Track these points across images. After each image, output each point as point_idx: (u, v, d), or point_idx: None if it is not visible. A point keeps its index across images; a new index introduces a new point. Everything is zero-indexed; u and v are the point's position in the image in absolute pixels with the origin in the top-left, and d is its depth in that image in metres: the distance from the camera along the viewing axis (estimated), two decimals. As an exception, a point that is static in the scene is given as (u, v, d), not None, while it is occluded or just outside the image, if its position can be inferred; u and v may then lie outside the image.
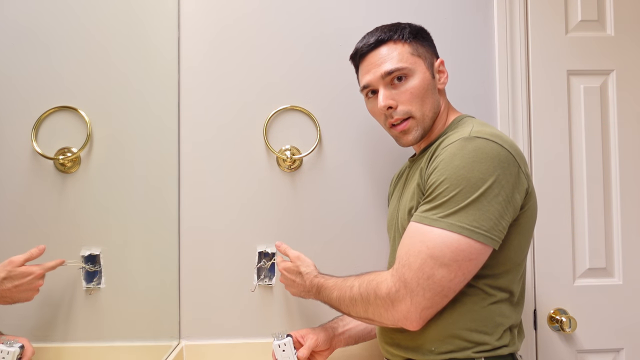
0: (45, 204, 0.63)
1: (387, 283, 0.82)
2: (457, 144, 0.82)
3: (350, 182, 1.26)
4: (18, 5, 0.59)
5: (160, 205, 1.12)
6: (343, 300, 0.90)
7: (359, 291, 0.87)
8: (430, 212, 0.81)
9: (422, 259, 0.79)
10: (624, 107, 1.30)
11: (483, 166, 0.78)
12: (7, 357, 0.56)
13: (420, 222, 0.82)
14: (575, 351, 1.26)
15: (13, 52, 0.57)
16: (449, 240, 0.78)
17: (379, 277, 0.85)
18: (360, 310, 0.87)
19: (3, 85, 0.55)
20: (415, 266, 0.79)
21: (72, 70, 0.71)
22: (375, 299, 0.84)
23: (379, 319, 0.85)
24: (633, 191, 1.29)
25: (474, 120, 0.94)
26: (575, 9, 1.31)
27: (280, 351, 0.99)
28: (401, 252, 0.83)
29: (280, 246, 1.11)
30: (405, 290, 0.80)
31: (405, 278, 0.80)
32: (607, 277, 1.28)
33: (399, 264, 0.82)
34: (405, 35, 0.94)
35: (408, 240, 0.83)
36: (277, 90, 1.26)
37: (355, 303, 0.88)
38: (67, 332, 0.68)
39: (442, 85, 0.98)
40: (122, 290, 0.87)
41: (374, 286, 0.84)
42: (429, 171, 0.85)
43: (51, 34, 0.66)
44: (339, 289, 0.92)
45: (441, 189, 0.80)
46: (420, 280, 0.79)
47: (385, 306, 0.82)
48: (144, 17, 1.05)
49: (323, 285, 0.96)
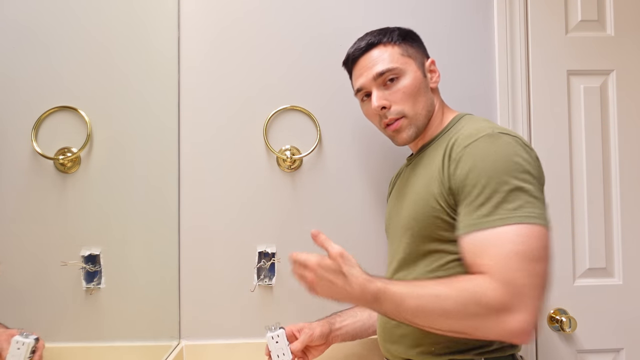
0: (45, 204, 0.63)
1: (493, 291, 0.73)
2: (484, 140, 0.81)
3: (350, 182, 1.26)
4: (18, 5, 0.59)
5: (160, 205, 1.12)
6: (427, 312, 0.76)
7: (455, 301, 0.75)
8: (495, 212, 0.76)
9: (520, 257, 0.73)
10: (624, 107, 1.30)
11: (519, 159, 0.79)
12: (22, 347, 0.57)
13: (489, 227, 0.76)
14: (575, 351, 1.26)
15: (13, 52, 0.57)
16: (533, 233, 0.75)
17: (477, 284, 0.75)
18: (454, 323, 0.76)
19: (3, 85, 0.55)
20: (518, 266, 0.73)
21: (72, 71, 0.71)
22: (479, 309, 0.73)
23: (481, 333, 0.76)
24: (633, 191, 1.29)
25: (477, 117, 0.95)
26: (575, 9, 1.31)
27: (273, 343, 0.98)
28: (489, 258, 0.75)
29: (318, 236, 0.83)
30: (519, 296, 0.72)
31: (513, 282, 0.72)
32: (607, 277, 1.28)
33: (497, 269, 0.74)
34: (394, 38, 0.96)
35: (491, 244, 0.76)
36: (277, 90, 1.26)
37: (448, 315, 0.75)
38: (67, 332, 0.68)
39: (435, 84, 0.99)
40: (122, 290, 0.87)
41: (477, 295, 0.74)
42: (461, 172, 0.81)
43: (51, 34, 0.66)
44: (419, 298, 0.77)
45: (491, 187, 0.77)
46: (528, 279, 0.73)
47: (495, 317, 0.73)
48: (145, 17, 1.05)
49: (387, 292, 0.78)
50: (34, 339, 0.58)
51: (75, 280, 0.70)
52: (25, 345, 0.58)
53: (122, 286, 0.88)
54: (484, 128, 0.84)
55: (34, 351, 0.58)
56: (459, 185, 0.82)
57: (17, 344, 0.57)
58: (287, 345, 0.98)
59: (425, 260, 0.89)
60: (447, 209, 0.85)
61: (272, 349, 0.98)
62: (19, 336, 0.58)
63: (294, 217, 1.24)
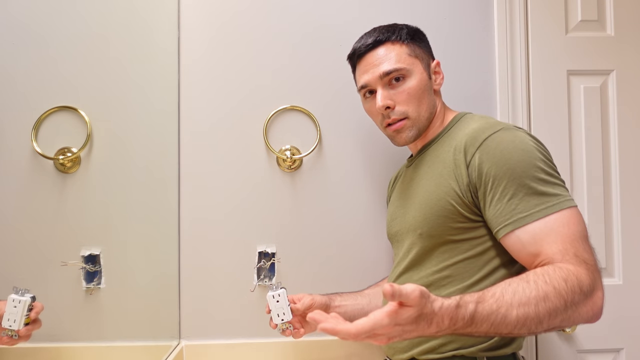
0: (45, 204, 0.63)
1: (583, 274, 0.72)
2: (503, 135, 0.83)
3: (350, 182, 1.26)
4: (18, 5, 0.59)
5: (160, 205, 1.12)
6: (532, 318, 0.68)
7: (561, 296, 0.69)
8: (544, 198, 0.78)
9: (581, 238, 0.77)
10: (624, 107, 1.30)
11: (539, 152, 0.82)
12: (18, 305, 0.56)
13: (540, 217, 0.77)
14: (575, 351, 1.26)
15: (13, 52, 0.57)
16: (575, 215, 0.78)
17: (570, 272, 0.72)
18: (559, 320, 0.70)
19: (3, 85, 0.55)
20: (585, 246, 0.76)
21: (72, 70, 0.71)
22: (581, 296, 0.71)
23: (573, 322, 0.73)
24: (633, 191, 1.29)
25: (478, 114, 0.96)
26: (575, 9, 1.31)
27: (274, 302, 0.96)
28: (559, 244, 0.76)
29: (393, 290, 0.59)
30: (596, 273, 0.74)
31: (589, 261, 0.75)
32: (607, 277, 1.28)
33: (572, 253, 0.75)
34: (402, 36, 0.95)
35: (553, 231, 0.77)
36: (277, 90, 1.26)
37: (556, 313, 0.69)
38: (67, 332, 0.68)
39: (438, 86, 0.99)
40: (122, 290, 0.87)
41: (576, 283, 0.71)
42: (486, 166, 0.81)
43: (51, 34, 0.66)
44: (523, 307, 0.68)
45: (530, 176, 0.79)
46: (594, 256, 0.76)
47: (589, 301, 0.72)
48: (145, 19, 1.05)
49: (482, 312, 0.66)
50: (30, 297, 0.57)
51: (75, 280, 0.70)
52: (22, 303, 0.57)
53: (122, 286, 0.88)
54: (496, 123, 0.87)
55: (31, 309, 0.57)
56: (486, 179, 0.81)
57: (14, 302, 0.56)
58: (287, 305, 0.96)
59: (434, 260, 0.89)
60: (459, 208, 0.85)
61: (273, 308, 0.96)
62: (14, 294, 0.57)
63: (294, 217, 1.24)
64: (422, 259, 0.91)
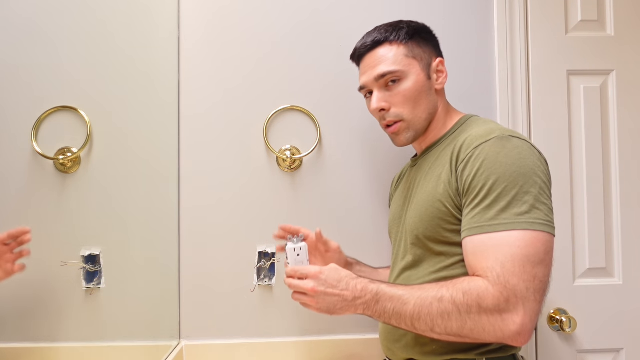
0: (45, 204, 0.63)
1: (490, 293, 0.74)
2: (495, 142, 0.81)
3: (350, 182, 1.26)
4: (18, 5, 0.59)
5: (160, 205, 1.12)
6: (425, 315, 0.77)
7: (455, 303, 0.76)
8: (501, 216, 0.77)
9: (521, 261, 0.74)
10: (623, 107, 1.30)
11: (530, 163, 0.79)
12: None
13: (493, 231, 0.77)
14: (575, 351, 1.26)
15: (13, 52, 0.57)
16: (536, 239, 0.75)
17: (475, 287, 0.75)
18: (454, 326, 0.76)
19: (4, 85, 0.55)
20: (517, 270, 0.74)
21: (72, 70, 0.71)
22: (479, 312, 0.74)
23: (478, 335, 0.76)
24: (633, 191, 1.29)
25: (484, 119, 0.95)
26: (575, 9, 1.31)
27: (294, 255, 0.93)
28: (490, 262, 0.76)
29: None
30: (515, 298, 0.73)
31: (511, 284, 0.73)
32: (607, 277, 1.28)
33: (497, 272, 0.74)
34: (401, 36, 0.95)
35: (492, 248, 0.76)
36: (277, 90, 1.26)
37: (449, 318, 0.76)
38: (67, 332, 0.68)
39: (440, 85, 0.97)
40: (122, 290, 0.87)
41: (474, 297, 0.75)
42: (469, 172, 0.81)
43: (51, 34, 0.66)
44: (417, 300, 0.78)
45: (499, 189, 0.77)
46: (528, 283, 0.74)
47: (493, 320, 0.74)
48: (145, 18, 1.04)
49: (387, 292, 0.81)
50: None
51: (75, 280, 0.70)
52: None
53: (122, 286, 0.88)
54: (494, 130, 0.83)
55: None
56: (466, 185, 0.82)
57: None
58: (307, 261, 0.94)
59: (431, 262, 0.89)
60: (453, 210, 0.85)
61: (291, 262, 0.93)
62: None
63: (294, 217, 1.24)
64: (419, 260, 0.91)
